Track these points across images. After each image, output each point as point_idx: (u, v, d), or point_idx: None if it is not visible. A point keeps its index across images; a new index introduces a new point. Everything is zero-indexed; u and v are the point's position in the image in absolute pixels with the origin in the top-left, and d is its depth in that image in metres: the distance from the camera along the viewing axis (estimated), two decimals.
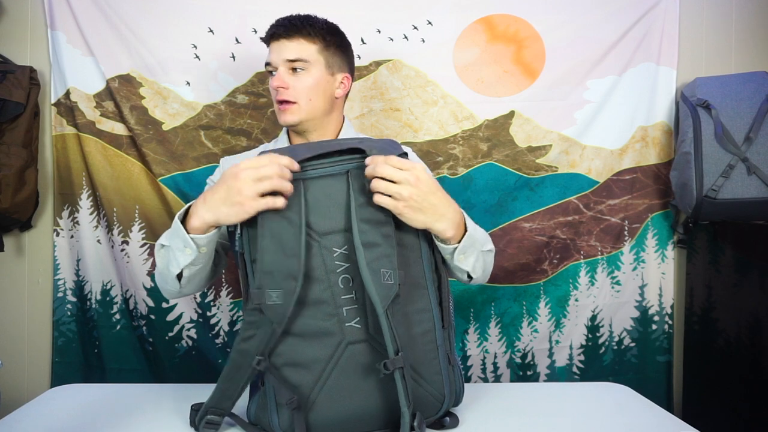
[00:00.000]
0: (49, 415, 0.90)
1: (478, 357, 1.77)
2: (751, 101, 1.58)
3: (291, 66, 1.10)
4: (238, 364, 0.75)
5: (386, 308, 0.73)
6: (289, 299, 0.73)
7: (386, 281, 0.73)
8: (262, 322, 0.73)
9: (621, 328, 1.80)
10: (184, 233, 0.83)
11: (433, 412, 0.80)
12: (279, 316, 0.73)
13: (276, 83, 1.10)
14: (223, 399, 0.77)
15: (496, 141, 1.74)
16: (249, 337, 0.74)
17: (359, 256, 0.74)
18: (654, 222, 1.80)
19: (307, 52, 1.10)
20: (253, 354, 0.74)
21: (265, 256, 0.73)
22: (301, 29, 1.10)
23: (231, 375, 0.76)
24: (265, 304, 0.73)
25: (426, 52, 1.72)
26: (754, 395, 1.51)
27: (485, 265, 0.96)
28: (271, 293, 0.73)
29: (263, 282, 0.73)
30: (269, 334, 0.73)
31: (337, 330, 0.76)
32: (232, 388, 0.76)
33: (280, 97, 1.10)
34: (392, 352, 0.73)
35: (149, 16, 1.65)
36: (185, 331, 1.70)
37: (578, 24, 1.74)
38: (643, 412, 0.91)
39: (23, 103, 1.57)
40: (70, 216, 1.70)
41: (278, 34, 1.11)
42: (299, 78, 1.10)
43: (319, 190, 0.76)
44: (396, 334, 0.73)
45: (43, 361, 1.73)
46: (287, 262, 0.73)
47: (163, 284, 0.96)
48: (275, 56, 1.11)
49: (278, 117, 1.13)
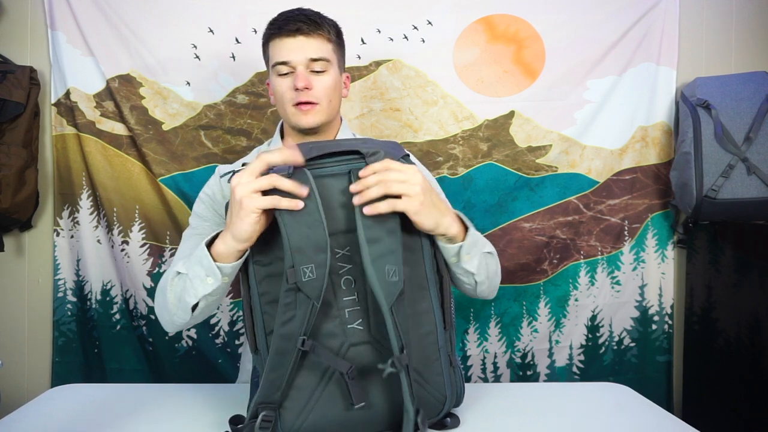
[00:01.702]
0: (49, 415, 0.89)
1: (478, 357, 1.77)
2: (751, 101, 1.58)
3: (313, 65, 1.05)
4: (282, 349, 0.72)
5: (391, 306, 0.72)
6: (322, 272, 0.71)
7: (391, 278, 0.72)
8: (299, 301, 0.71)
9: (621, 328, 1.81)
10: (209, 261, 0.80)
11: (434, 413, 0.80)
12: (316, 290, 0.71)
13: (302, 83, 1.03)
14: (272, 391, 0.73)
15: (496, 141, 1.74)
16: (289, 320, 0.72)
17: (363, 252, 0.72)
18: (654, 222, 1.80)
19: (327, 51, 1.07)
20: (296, 335, 0.72)
21: (291, 235, 0.71)
22: (320, 25, 1.05)
23: (277, 363, 0.73)
24: (301, 281, 0.70)
25: (426, 52, 1.72)
26: (754, 395, 1.51)
27: (488, 269, 0.93)
28: (305, 269, 0.70)
29: (296, 259, 0.71)
30: (309, 311, 0.71)
31: (340, 332, 0.76)
32: (281, 377, 0.73)
33: (303, 99, 1.05)
34: (397, 349, 0.72)
35: (149, 16, 1.65)
36: (185, 331, 1.70)
37: (578, 24, 1.74)
38: (643, 412, 0.91)
39: (23, 103, 1.57)
40: (70, 216, 1.70)
41: (300, 29, 1.03)
42: (320, 78, 1.06)
43: (321, 189, 0.75)
44: (401, 331, 0.72)
45: (43, 361, 1.73)
46: (313, 235, 0.71)
47: (169, 316, 0.89)
48: (296, 54, 1.04)
49: (294, 118, 1.07)
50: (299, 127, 1.08)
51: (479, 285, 0.93)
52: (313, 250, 0.71)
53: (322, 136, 1.13)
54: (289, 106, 1.07)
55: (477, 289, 0.95)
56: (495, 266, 0.96)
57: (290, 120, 1.09)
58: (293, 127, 1.10)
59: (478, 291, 0.95)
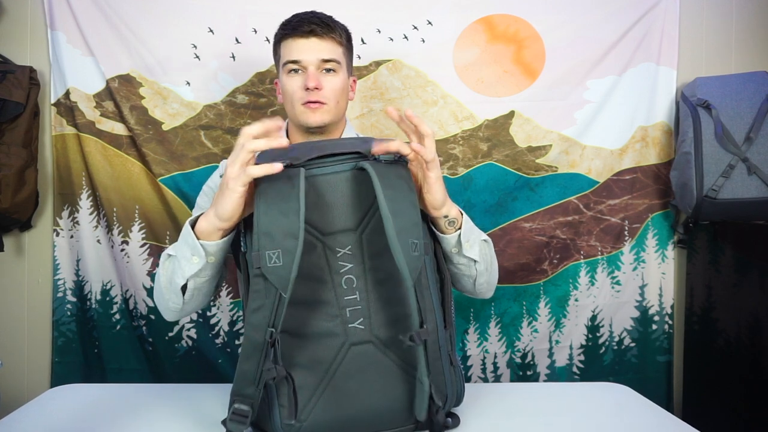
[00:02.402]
0: (49, 415, 0.89)
1: (478, 357, 1.77)
2: (751, 101, 1.58)
3: (324, 66, 1.07)
4: (253, 340, 0.71)
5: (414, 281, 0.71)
6: (289, 260, 0.68)
7: (414, 252, 0.71)
8: (268, 290, 0.71)
9: (621, 328, 1.81)
10: (193, 238, 0.81)
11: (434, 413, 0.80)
12: (282, 280, 0.68)
13: (312, 83, 1.05)
14: (245, 383, 0.72)
15: (496, 141, 1.74)
16: (257, 308, 0.71)
17: (387, 225, 0.69)
18: (654, 222, 1.80)
19: (338, 53, 1.09)
20: (264, 326, 0.71)
21: (261, 218, 0.70)
22: (333, 29, 1.08)
23: (249, 353, 0.71)
24: (266, 267, 0.69)
25: (426, 52, 1.72)
26: (754, 395, 1.51)
27: (487, 257, 0.94)
28: (270, 254, 0.69)
29: (261, 243, 0.69)
30: (276, 301, 0.70)
31: (341, 331, 0.76)
32: (253, 369, 0.71)
33: (312, 98, 1.06)
34: (417, 324, 0.71)
35: (149, 16, 1.65)
36: (185, 331, 1.70)
37: (578, 24, 1.74)
38: (643, 412, 0.91)
39: (23, 103, 1.57)
40: (70, 216, 1.70)
41: (314, 31, 1.06)
42: (330, 79, 1.08)
43: (322, 187, 0.75)
44: (421, 306, 0.72)
45: (43, 361, 1.73)
46: (285, 221, 0.69)
47: (164, 302, 0.91)
48: (309, 54, 1.06)
49: (302, 117, 1.08)
50: (307, 125, 1.09)
51: (479, 276, 0.94)
52: (282, 235, 0.69)
53: (327, 136, 1.14)
54: (298, 105, 1.08)
55: (477, 282, 0.95)
56: (492, 255, 0.97)
57: (298, 118, 1.10)
58: (301, 125, 1.11)
59: (477, 285, 0.96)
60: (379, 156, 0.76)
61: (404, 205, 0.73)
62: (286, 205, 0.70)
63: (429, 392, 0.72)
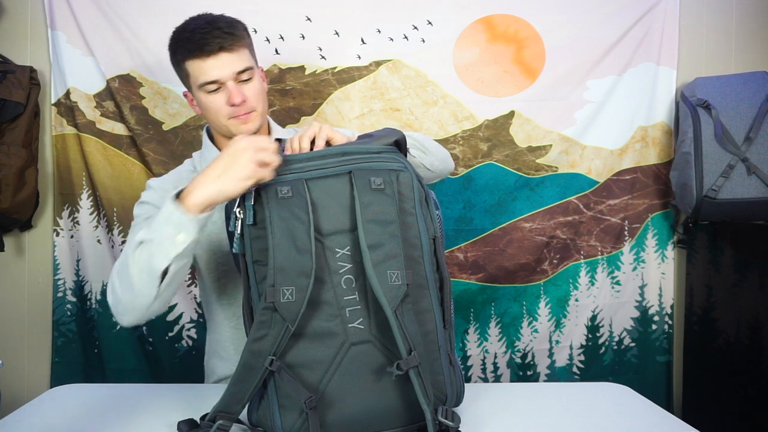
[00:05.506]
0: (49, 415, 0.89)
1: (478, 357, 1.77)
2: (751, 101, 1.58)
3: (240, 78, 1.05)
4: (250, 365, 0.74)
5: (395, 309, 0.72)
6: (301, 297, 0.72)
7: (394, 282, 0.73)
8: (274, 321, 0.73)
9: (621, 328, 1.81)
10: (179, 215, 0.79)
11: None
12: (292, 314, 0.72)
13: (238, 98, 1.03)
14: (233, 402, 0.75)
15: (496, 141, 1.74)
16: (261, 337, 0.73)
17: (365, 259, 0.73)
18: (654, 222, 1.80)
19: (247, 57, 1.07)
20: (265, 354, 0.73)
21: (277, 253, 0.72)
22: (235, 34, 1.04)
23: (243, 377, 0.74)
24: (279, 302, 0.71)
25: (426, 52, 1.72)
26: (753, 395, 1.51)
27: (422, 140, 1.03)
28: (285, 290, 0.72)
29: (277, 279, 0.72)
30: (282, 333, 0.72)
31: (341, 331, 0.76)
32: (243, 391, 0.74)
33: (241, 112, 1.05)
34: (405, 352, 0.72)
35: (149, 16, 1.65)
36: (185, 331, 1.70)
37: (578, 24, 1.74)
38: (643, 412, 0.91)
39: (23, 103, 1.57)
40: (70, 216, 1.70)
41: (222, 47, 1.02)
42: (249, 87, 1.06)
43: (321, 190, 0.76)
44: (407, 333, 0.73)
45: (43, 361, 1.73)
46: (300, 259, 0.72)
47: (131, 297, 0.85)
48: (223, 71, 1.03)
49: (234, 129, 1.06)
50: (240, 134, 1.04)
51: (423, 159, 1.02)
52: (297, 273, 0.72)
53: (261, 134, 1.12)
54: (226, 119, 1.07)
55: (427, 165, 1.04)
56: (423, 138, 1.05)
57: (229, 131, 1.08)
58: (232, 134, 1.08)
59: (430, 166, 1.04)
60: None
61: (384, 237, 0.74)
62: (300, 241, 0.73)
63: (434, 418, 0.72)
